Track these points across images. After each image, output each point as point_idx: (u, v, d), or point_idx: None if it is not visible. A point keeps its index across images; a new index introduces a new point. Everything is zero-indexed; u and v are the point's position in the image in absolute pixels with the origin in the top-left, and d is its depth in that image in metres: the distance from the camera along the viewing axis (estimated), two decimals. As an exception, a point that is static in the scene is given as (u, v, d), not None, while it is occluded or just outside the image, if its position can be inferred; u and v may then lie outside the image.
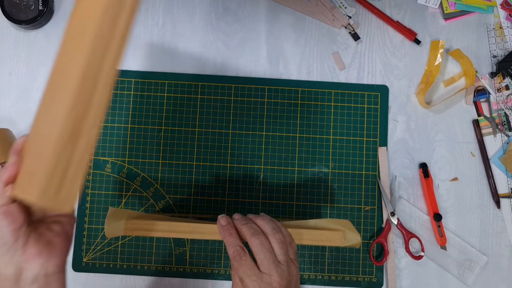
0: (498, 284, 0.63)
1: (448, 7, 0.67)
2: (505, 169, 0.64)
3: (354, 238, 0.53)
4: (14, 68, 0.65)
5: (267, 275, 0.47)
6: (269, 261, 0.47)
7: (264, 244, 0.48)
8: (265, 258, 0.47)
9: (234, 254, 0.48)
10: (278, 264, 0.47)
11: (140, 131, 0.64)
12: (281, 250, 0.48)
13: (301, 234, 0.53)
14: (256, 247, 0.48)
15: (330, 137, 0.64)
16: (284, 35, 0.67)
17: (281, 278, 0.47)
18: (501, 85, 0.66)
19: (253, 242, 0.48)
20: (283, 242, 0.49)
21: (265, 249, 0.48)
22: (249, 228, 0.49)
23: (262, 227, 0.50)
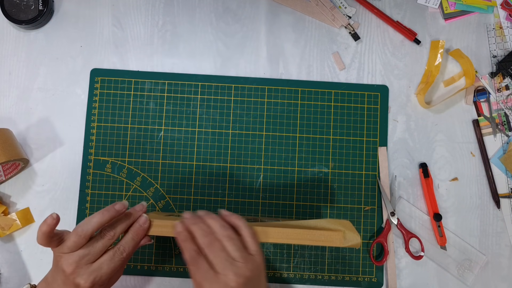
0: (498, 284, 0.63)
1: (448, 7, 0.67)
2: (505, 169, 0.64)
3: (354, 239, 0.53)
4: (14, 68, 0.65)
5: (222, 275, 0.45)
6: (222, 260, 0.45)
7: (215, 244, 0.46)
8: (217, 257, 0.46)
9: (190, 259, 0.47)
10: (233, 262, 0.46)
11: (140, 131, 0.64)
12: (233, 247, 0.46)
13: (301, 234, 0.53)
14: (207, 247, 0.46)
15: (330, 137, 0.64)
16: (284, 35, 0.67)
17: (238, 276, 0.45)
18: (501, 85, 0.66)
19: (203, 243, 0.47)
20: (233, 238, 0.47)
21: (216, 249, 0.46)
22: (198, 229, 0.48)
23: (212, 226, 0.48)
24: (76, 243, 0.46)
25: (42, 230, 0.45)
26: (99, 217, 0.47)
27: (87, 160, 0.64)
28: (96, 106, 0.64)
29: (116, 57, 0.66)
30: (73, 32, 0.66)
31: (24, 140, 0.64)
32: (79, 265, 0.46)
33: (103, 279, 0.47)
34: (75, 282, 0.45)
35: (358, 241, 0.53)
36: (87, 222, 0.46)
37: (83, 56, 0.66)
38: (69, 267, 0.45)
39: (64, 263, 0.46)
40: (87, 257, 0.46)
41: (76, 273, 0.45)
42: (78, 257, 0.46)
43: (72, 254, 0.46)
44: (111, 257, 0.47)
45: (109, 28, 0.66)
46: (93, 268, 0.46)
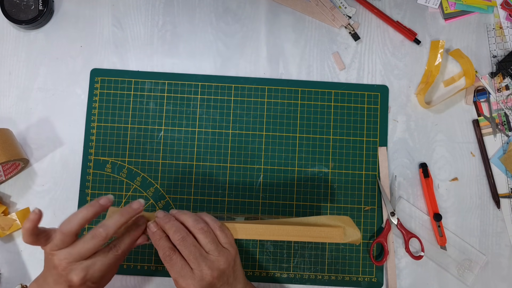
0: (498, 284, 0.63)
1: (448, 7, 0.67)
2: (505, 169, 0.64)
3: (354, 235, 0.53)
4: (14, 68, 0.65)
5: (197, 270, 0.45)
6: (195, 255, 0.46)
7: (187, 239, 0.47)
8: (191, 253, 0.46)
9: (165, 257, 0.47)
10: (206, 256, 0.46)
11: (140, 131, 0.64)
12: (206, 239, 0.47)
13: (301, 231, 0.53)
14: (179, 243, 0.47)
15: (330, 137, 0.64)
16: (284, 35, 0.67)
17: (212, 270, 0.45)
18: (501, 85, 0.66)
19: (176, 240, 0.47)
20: (206, 231, 0.47)
21: (188, 244, 0.46)
22: (171, 226, 0.48)
23: (185, 222, 0.49)
24: (62, 241, 0.45)
25: (25, 227, 0.44)
26: (84, 213, 0.46)
27: (87, 160, 0.64)
28: (96, 106, 0.64)
29: (116, 57, 0.66)
30: (73, 32, 0.66)
31: (24, 140, 0.64)
32: (71, 261, 0.45)
33: (96, 276, 0.46)
34: (67, 278, 0.45)
35: (358, 236, 0.53)
36: (71, 220, 0.45)
37: (83, 56, 0.66)
38: (61, 263, 0.45)
39: (55, 259, 0.45)
40: (79, 254, 0.45)
41: (68, 269, 0.45)
42: (69, 253, 0.45)
43: (63, 250, 0.45)
44: (106, 254, 0.47)
45: (109, 28, 0.66)
46: (86, 264, 0.45)
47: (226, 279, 0.47)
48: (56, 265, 0.45)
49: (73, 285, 0.45)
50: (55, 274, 0.45)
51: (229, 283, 0.48)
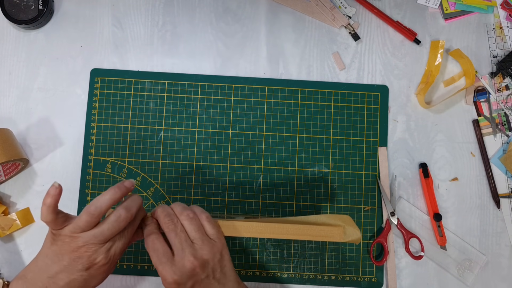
0: (498, 284, 0.63)
1: (448, 7, 0.67)
2: (505, 169, 0.64)
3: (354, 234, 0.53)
4: (14, 68, 0.65)
5: (179, 256, 0.45)
6: (180, 240, 0.45)
7: (176, 224, 0.47)
8: (176, 236, 0.46)
9: (149, 241, 0.47)
10: (191, 244, 0.46)
11: (140, 131, 0.64)
12: (192, 227, 0.47)
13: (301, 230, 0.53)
14: (167, 227, 0.46)
15: (330, 137, 0.64)
16: (284, 35, 0.67)
17: (195, 257, 0.45)
18: (501, 85, 0.66)
19: (164, 223, 0.47)
20: (192, 218, 0.47)
21: (176, 228, 0.46)
22: (162, 210, 0.48)
23: (174, 209, 0.49)
24: (88, 222, 0.44)
25: (47, 203, 0.44)
26: (111, 194, 0.45)
27: (87, 160, 0.64)
28: (96, 106, 0.64)
29: (116, 57, 0.66)
30: (73, 32, 0.66)
31: (24, 140, 0.64)
32: (96, 243, 0.44)
33: (117, 255, 0.46)
34: (90, 260, 0.44)
35: (358, 236, 0.53)
36: (99, 201, 0.45)
37: (83, 56, 0.66)
38: (86, 245, 0.44)
39: (79, 241, 0.44)
40: (104, 237, 0.44)
41: (93, 250, 0.44)
42: (94, 236, 0.44)
43: (88, 233, 0.44)
44: (122, 232, 0.46)
45: (109, 28, 0.66)
46: (109, 245, 0.45)
47: (212, 272, 0.47)
48: (79, 247, 0.44)
49: (95, 265, 0.45)
50: (74, 256, 0.44)
51: (216, 278, 0.47)
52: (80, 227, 0.44)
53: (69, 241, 0.45)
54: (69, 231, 0.45)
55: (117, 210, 0.46)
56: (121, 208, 0.46)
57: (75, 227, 0.45)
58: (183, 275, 0.45)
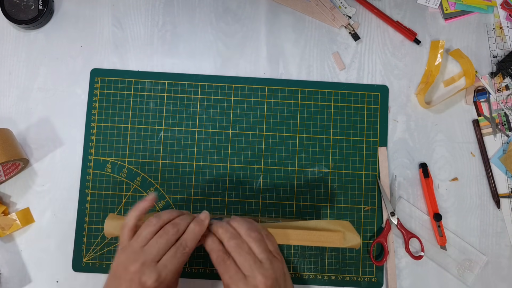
0: (498, 284, 0.63)
1: (448, 7, 0.67)
2: (505, 169, 0.64)
3: (353, 239, 0.53)
4: (14, 68, 0.65)
5: (251, 277, 0.45)
6: (249, 263, 0.46)
7: (242, 246, 0.47)
8: (245, 260, 0.46)
9: (218, 260, 0.47)
10: (260, 264, 0.46)
11: (140, 131, 0.64)
12: (260, 248, 0.47)
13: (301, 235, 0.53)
14: (234, 250, 0.47)
15: (330, 137, 0.64)
16: (284, 35, 0.67)
17: (266, 278, 0.45)
18: (501, 85, 0.66)
19: (230, 246, 0.47)
20: (260, 239, 0.48)
21: (243, 251, 0.47)
22: (225, 231, 0.49)
23: (238, 229, 0.49)
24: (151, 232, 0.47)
25: (140, 207, 0.47)
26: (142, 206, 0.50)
27: (87, 160, 0.64)
28: (96, 106, 0.64)
29: (116, 57, 0.66)
30: (73, 32, 0.66)
31: (24, 140, 0.64)
32: (145, 264, 0.45)
33: (168, 278, 0.46)
34: (141, 281, 0.44)
35: (357, 241, 0.53)
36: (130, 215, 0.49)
37: (83, 56, 0.66)
38: (135, 266, 0.45)
39: (129, 262, 0.45)
40: (151, 254, 0.45)
41: (141, 271, 0.44)
42: (144, 256, 0.45)
43: (139, 253, 0.45)
44: (174, 253, 0.46)
45: (109, 28, 0.66)
46: (158, 265, 0.45)
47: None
48: (129, 268, 0.45)
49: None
50: (127, 279, 0.45)
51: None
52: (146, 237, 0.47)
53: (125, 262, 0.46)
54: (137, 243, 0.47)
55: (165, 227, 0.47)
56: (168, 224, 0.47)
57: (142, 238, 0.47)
58: None
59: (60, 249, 0.62)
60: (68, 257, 0.62)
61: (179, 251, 0.47)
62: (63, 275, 0.62)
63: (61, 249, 0.62)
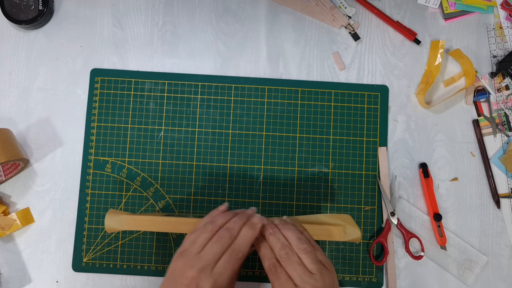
0: (498, 284, 0.63)
1: (448, 7, 0.67)
2: (505, 169, 0.64)
3: (354, 233, 0.53)
4: (14, 68, 0.65)
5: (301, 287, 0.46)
6: (300, 274, 0.47)
7: (292, 258, 0.48)
8: (295, 271, 0.47)
9: (270, 267, 0.48)
10: (310, 275, 0.47)
11: (140, 131, 0.64)
12: (310, 260, 0.48)
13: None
14: (285, 260, 0.47)
15: (330, 137, 0.64)
16: (284, 35, 0.67)
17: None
18: (501, 85, 0.66)
19: (281, 256, 0.48)
20: (310, 251, 0.48)
21: (294, 262, 0.47)
22: (276, 240, 0.49)
23: (288, 239, 0.49)
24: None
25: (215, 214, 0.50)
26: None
27: (87, 160, 0.64)
28: (96, 106, 0.64)
29: (116, 57, 0.66)
30: (73, 32, 0.66)
31: (24, 140, 0.64)
32: (201, 270, 0.45)
33: (224, 283, 0.46)
34: (198, 286, 0.45)
35: (358, 235, 0.53)
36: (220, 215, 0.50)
37: (83, 56, 0.66)
38: (192, 272, 0.45)
39: (186, 268, 0.45)
40: (209, 261, 0.46)
41: (199, 277, 0.45)
42: (201, 262, 0.45)
43: (196, 259, 0.46)
44: (228, 259, 0.47)
45: (109, 28, 0.66)
46: (214, 270, 0.45)
47: None
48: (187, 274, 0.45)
49: None
50: (184, 284, 0.45)
51: None
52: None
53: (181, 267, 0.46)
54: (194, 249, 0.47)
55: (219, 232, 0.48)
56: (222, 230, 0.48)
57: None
58: None
59: (60, 249, 0.62)
60: (68, 257, 0.62)
61: (233, 256, 0.47)
62: (63, 275, 0.62)
63: (61, 249, 0.62)
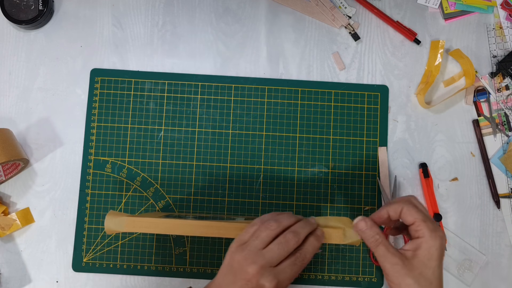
0: (498, 284, 0.63)
1: (448, 7, 0.67)
2: (505, 169, 0.64)
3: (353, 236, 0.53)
4: (14, 68, 0.65)
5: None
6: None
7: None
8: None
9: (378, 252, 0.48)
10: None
11: (140, 131, 0.64)
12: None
13: None
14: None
15: (330, 137, 0.64)
16: (284, 35, 0.67)
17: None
18: (501, 85, 0.66)
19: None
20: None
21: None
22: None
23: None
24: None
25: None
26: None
27: (87, 160, 0.64)
28: (96, 106, 0.64)
29: (116, 57, 0.66)
30: (73, 32, 0.66)
31: (24, 140, 0.64)
32: (264, 267, 0.45)
33: (285, 285, 0.46)
34: (259, 283, 0.44)
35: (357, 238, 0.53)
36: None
37: (83, 56, 0.66)
38: (254, 268, 0.45)
39: (248, 262, 0.45)
40: (271, 258, 0.45)
41: (260, 274, 0.44)
42: (264, 259, 0.45)
43: (258, 255, 0.45)
44: (293, 262, 0.47)
45: (109, 28, 0.66)
46: (277, 271, 0.45)
47: None
48: (248, 270, 0.45)
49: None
50: (243, 279, 0.45)
51: None
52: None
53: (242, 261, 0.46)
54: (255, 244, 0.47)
55: (285, 234, 0.48)
56: (289, 232, 0.47)
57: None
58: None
59: (60, 249, 0.62)
60: (68, 257, 0.62)
61: (298, 261, 0.47)
62: (63, 275, 0.62)
63: (61, 249, 0.62)
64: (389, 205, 0.49)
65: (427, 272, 0.45)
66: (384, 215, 0.49)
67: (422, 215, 0.47)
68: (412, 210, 0.47)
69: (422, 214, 0.47)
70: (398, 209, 0.48)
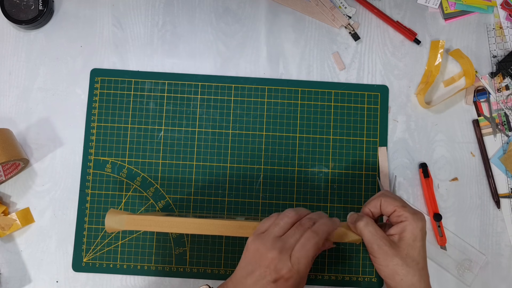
0: (498, 284, 0.63)
1: (448, 7, 0.67)
2: (505, 169, 0.64)
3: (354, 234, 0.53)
4: (14, 68, 0.65)
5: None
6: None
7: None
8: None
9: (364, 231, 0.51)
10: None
11: (140, 131, 0.64)
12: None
13: None
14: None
15: (330, 137, 0.64)
16: (284, 35, 0.67)
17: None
18: (501, 85, 0.66)
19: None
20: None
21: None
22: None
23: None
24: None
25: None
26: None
27: (87, 160, 0.64)
28: (96, 106, 0.64)
29: (116, 57, 0.66)
30: (73, 32, 0.66)
31: (24, 140, 0.64)
32: (281, 251, 0.45)
33: (302, 270, 0.46)
34: (276, 268, 0.45)
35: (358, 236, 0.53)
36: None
37: (83, 56, 0.66)
38: (273, 253, 0.45)
39: (267, 249, 0.46)
40: (289, 244, 0.46)
41: (279, 258, 0.45)
42: (281, 243, 0.46)
43: (277, 241, 0.46)
44: (304, 241, 0.46)
45: (109, 28, 0.66)
46: (292, 256, 0.46)
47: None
48: (267, 255, 0.45)
49: (281, 278, 0.45)
50: (263, 265, 0.46)
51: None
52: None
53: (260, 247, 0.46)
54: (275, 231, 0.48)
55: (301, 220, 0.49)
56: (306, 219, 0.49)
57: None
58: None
59: (60, 249, 0.62)
60: (68, 257, 0.62)
61: (309, 240, 0.47)
62: (63, 275, 0.62)
63: (61, 249, 0.62)
64: (368, 203, 0.52)
65: (413, 252, 0.49)
66: (367, 213, 0.52)
67: (400, 202, 0.51)
68: (389, 200, 0.51)
69: (400, 201, 0.51)
70: (378, 203, 0.51)
